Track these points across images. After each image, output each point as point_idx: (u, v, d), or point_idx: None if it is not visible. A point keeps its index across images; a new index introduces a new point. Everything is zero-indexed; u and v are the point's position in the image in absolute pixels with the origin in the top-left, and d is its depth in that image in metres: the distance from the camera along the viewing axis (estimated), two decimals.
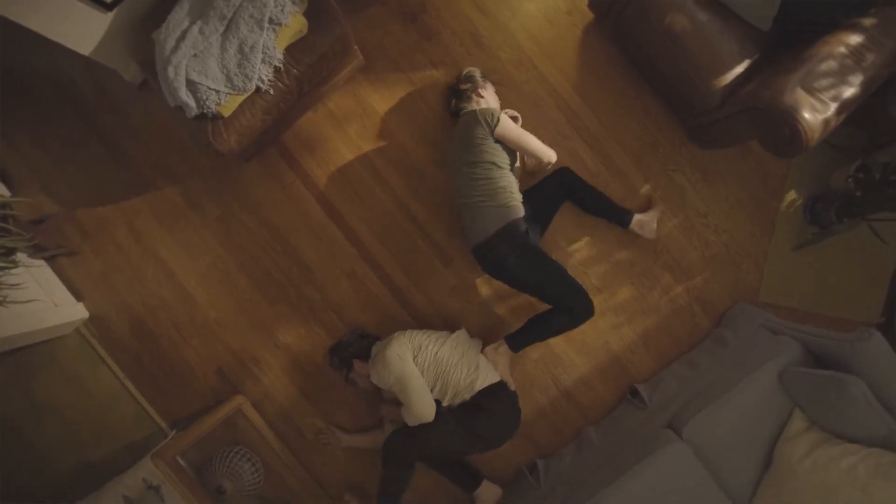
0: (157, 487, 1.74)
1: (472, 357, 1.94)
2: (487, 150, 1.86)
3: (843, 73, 1.58)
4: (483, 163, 1.85)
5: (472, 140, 1.86)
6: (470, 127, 1.87)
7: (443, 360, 1.88)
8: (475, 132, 1.86)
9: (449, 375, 1.87)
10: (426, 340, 1.91)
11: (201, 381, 2.26)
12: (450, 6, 2.17)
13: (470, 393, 1.87)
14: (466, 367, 1.89)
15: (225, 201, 2.22)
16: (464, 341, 1.98)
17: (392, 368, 1.81)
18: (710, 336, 2.17)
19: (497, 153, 1.87)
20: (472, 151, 1.86)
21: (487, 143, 1.86)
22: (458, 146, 1.91)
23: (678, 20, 1.74)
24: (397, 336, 1.90)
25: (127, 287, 2.25)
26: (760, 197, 2.19)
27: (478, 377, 1.88)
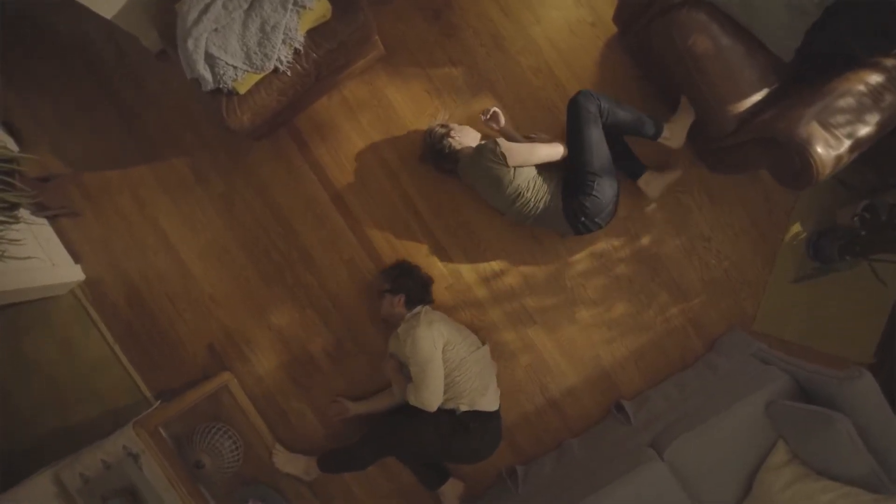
0: (137, 456, 1.73)
1: (488, 377, 1.94)
2: (515, 178, 1.88)
3: (860, 110, 1.58)
4: (521, 192, 1.89)
5: (500, 181, 1.88)
6: (487, 169, 1.88)
7: (464, 367, 1.87)
8: (496, 172, 1.88)
9: (461, 382, 1.87)
10: (460, 340, 1.90)
11: (190, 354, 2.26)
12: (474, 6, 2.17)
13: (467, 406, 1.87)
14: (479, 383, 1.89)
15: (231, 178, 2.22)
16: (487, 358, 1.99)
17: (421, 352, 1.81)
18: (701, 359, 2.17)
19: (521, 173, 1.89)
20: (505, 189, 1.89)
21: (510, 174, 1.87)
22: (489, 190, 1.94)
23: (701, 42, 1.74)
24: (437, 321, 1.88)
25: (126, 254, 2.25)
26: (765, 226, 2.19)
27: (482, 397, 1.88)
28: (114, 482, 1.73)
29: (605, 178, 1.84)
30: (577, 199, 1.86)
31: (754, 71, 1.76)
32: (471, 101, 2.18)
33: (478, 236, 2.19)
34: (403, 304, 1.98)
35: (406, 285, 1.99)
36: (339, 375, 2.23)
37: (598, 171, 1.83)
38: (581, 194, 1.85)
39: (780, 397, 1.71)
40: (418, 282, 2.03)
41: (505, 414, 2.15)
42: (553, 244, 2.18)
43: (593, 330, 2.20)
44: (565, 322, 2.20)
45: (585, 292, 2.19)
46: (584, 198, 1.85)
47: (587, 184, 1.84)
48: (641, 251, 2.18)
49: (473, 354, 1.92)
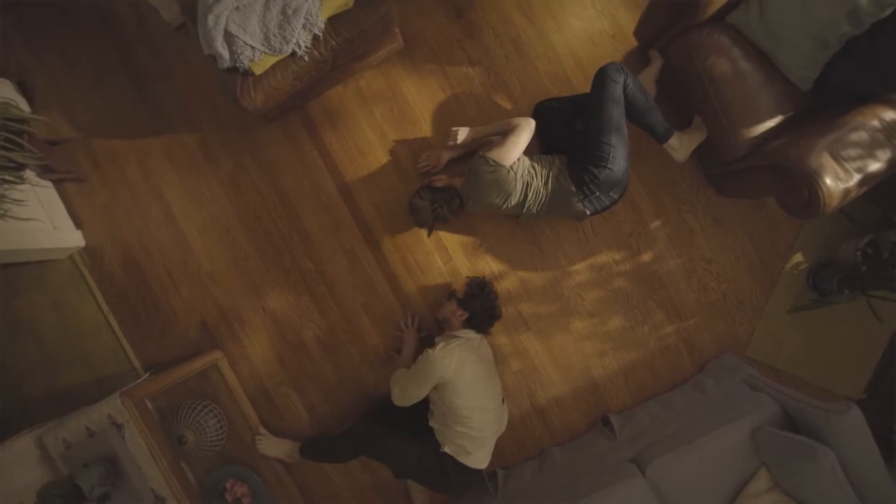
0: (121, 426, 1.74)
1: (485, 440, 1.89)
2: (517, 173, 1.87)
3: (873, 146, 1.58)
4: (526, 182, 1.88)
5: (505, 182, 1.86)
6: (490, 180, 1.86)
7: (464, 421, 1.82)
8: (498, 177, 1.86)
9: (454, 430, 1.83)
10: (476, 393, 1.83)
11: (183, 329, 2.26)
12: (498, 8, 2.17)
13: (451, 452, 1.83)
14: (471, 443, 1.84)
15: (239, 157, 2.22)
16: (496, 420, 1.93)
17: (423, 369, 1.79)
18: (691, 380, 2.17)
19: (518, 166, 1.88)
20: (513, 187, 1.87)
21: (510, 172, 1.86)
22: (499, 197, 1.89)
23: (720, 64, 1.74)
24: (467, 364, 1.81)
25: (127, 223, 2.25)
26: (767, 254, 2.18)
27: (468, 455, 1.84)
28: (96, 450, 1.73)
29: (619, 149, 1.81)
30: (589, 171, 1.83)
31: (770, 97, 1.76)
32: (485, 103, 2.17)
33: (480, 238, 2.19)
34: (462, 321, 1.95)
35: (475, 307, 1.94)
36: (329, 363, 2.23)
37: (615, 143, 1.81)
38: (594, 165, 1.82)
39: (767, 425, 1.71)
40: (487, 312, 1.96)
41: None
42: (554, 252, 2.18)
43: (586, 341, 2.20)
44: (559, 331, 2.20)
45: (582, 303, 2.19)
46: (597, 170, 1.82)
47: (602, 155, 1.81)
48: (642, 267, 2.18)
49: (483, 414, 1.85)
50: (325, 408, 2.24)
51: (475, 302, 1.95)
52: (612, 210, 2.16)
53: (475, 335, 1.95)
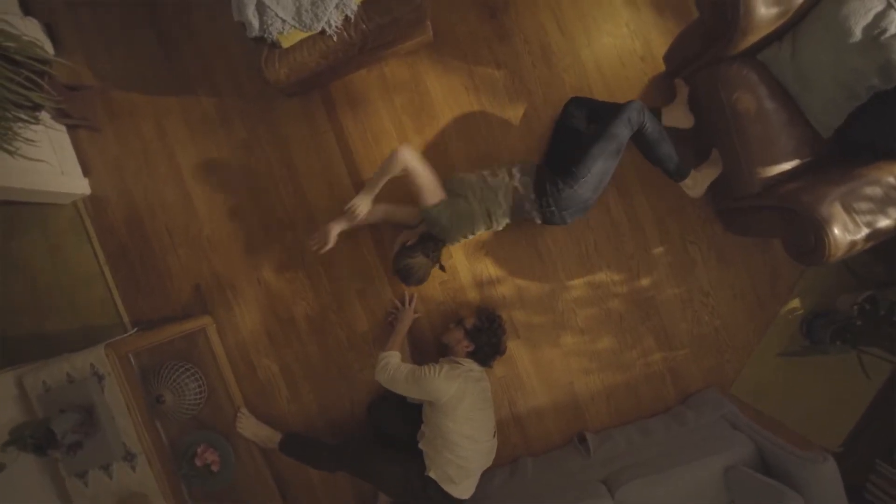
0: (102, 377, 1.74)
1: (471, 470, 1.87)
2: (477, 203, 1.88)
3: (885, 202, 1.58)
4: (492, 211, 1.89)
5: (463, 209, 1.87)
6: (450, 217, 1.86)
7: (453, 448, 1.80)
8: (460, 210, 1.87)
9: (442, 457, 1.81)
10: (471, 423, 1.83)
11: (176, 291, 2.26)
12: (531, 14, 2.16)
13: (435, 477, 1.81)
14: (457, 472, 1.81)
15: (255, 128, 2.22)
16: (485, 453, 1.92)
17: (424, 384, 1.78)
18: (672, 410, 2.17)
19: (465, 188, 1.89)
20: (477, 219, 1.89)
21: (466, 205, 1.87)
22: (471, 223, 1.91)
23: (745, 100, 1.74)
24: (466, 396, 1.81)
25: (135, 178, 2.25)
26: (765, 295, 2.18)
27: (453, 485, 1.82)
28: (74, 397, 1.73)
29: (594, 178, 1.80)
30: (556, 183, 1.82)
31: (791, 140, 1.76)
32: (505, 107, 2.17)
33: (482, 240, 2.19)
34: (466, 352, 1.94)
35: (482, 341, 1.94)
36: (316, 343, 2.23)
37: (594, 171, 1.79)
38: (563, 180, 1.81)
39: (741, 464, 1.71)
40: (493, 348, 1.97)
41: None
42: (553, 264, 2.18)
43: (574, 357, 2.20)
44: (548, 343, 2.20)
45: (575, 318, 2.19)
46: (564, 185, 1.80)
47: (575, 174, 1.79)
48: (639, 292, 2.18)
49: (473, 444, 1.84)
50: (306, 386, 2.24)
51: (482, 336, 1.94)
52: (617, 230, 2.16)
53: (478, 367, 1.94)
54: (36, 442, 1.60)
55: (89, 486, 1.77)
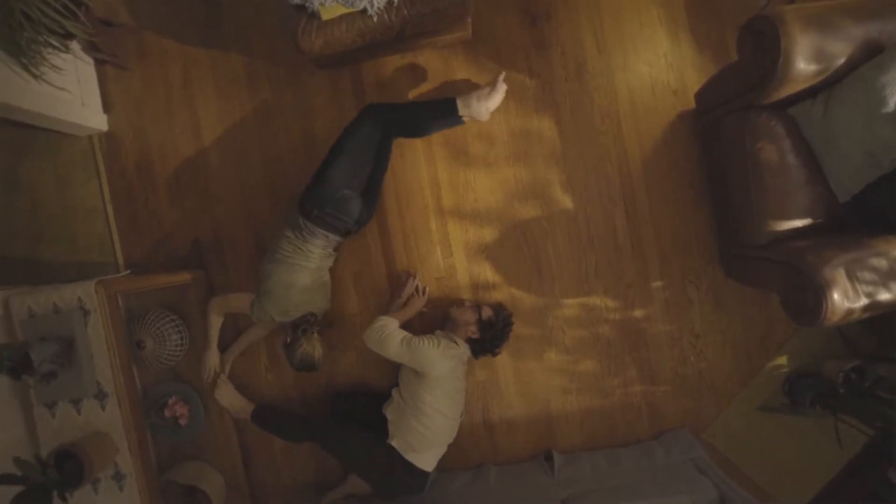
0: (88, 312, 1.74)
1: (435, 443, 1.90)
2: (280, 289, 1.92)
3: (889, 276, 1.57)
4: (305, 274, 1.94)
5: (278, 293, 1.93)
6: (272, 315, 1.94)
7: (422, 417, 1.84)
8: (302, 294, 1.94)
9: (408, 423, 1.84)
10: (448, 398, 1.88)
11: (175, 241, 2.26)
12: (573, 28, 2.16)
13: (397, 447, 1.84)
14: (420, 442, 1.85)
15: (281, 93, 2.22)
16: (451, 430, 1.96)
17: (419, 354, 1.81)
18: (643, 444, 2.17)
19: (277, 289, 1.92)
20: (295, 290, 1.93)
21: (273, 300, 1.92)
22: (318, 294, 2.00)
23: (769, 151, 1.73)
24: (455, 370, 1.87)
25: (154, 122, 2.25)
26: (754, 347, 2.18)
27: (416, 454, 1.85)
28: (57, 328, 1.74)
29: (338, 168, 1.85)
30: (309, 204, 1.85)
31: (807, 198, 1.75)
32: (531, 116, 2.17)
33: (485, 244, 2.19)
34: (468, 336, 1.95)
35: (488, 335, 1.95)
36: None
37: (336, 164, 1.85)
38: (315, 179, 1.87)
39: None
40: (493, 345, 1.98)
41: None
42: (551, 280, 2.18)
43: (555, 375, 2.20)
44: (532, 357, 2.20)
45: (563, 337, 2.19)
46: (314, 188, 1.85)
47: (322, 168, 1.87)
48: (630, 321, 2.18)
49: (443, 420, 1.88)
50: None
51: (491, 331, 1.95)
52: (620, 257, 2.16)
53: (469, 354, 1.97)
54: (12, 365, 1.60)
55: (56, 417, 1.77)
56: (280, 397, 2.26)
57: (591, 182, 2.16)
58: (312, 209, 1.84)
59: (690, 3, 2.14)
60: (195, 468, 2.13)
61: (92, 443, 1.70)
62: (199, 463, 2.17)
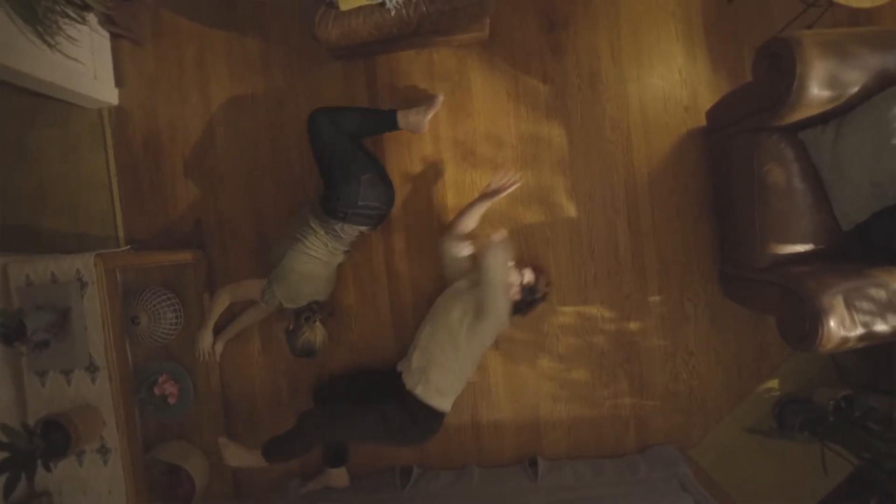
0: (85, 285, 1.74)
1: (456, 388, 1.90)
2: (293, 277, 1.93)
3: (887, 308, 1.57)
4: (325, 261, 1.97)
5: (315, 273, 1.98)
6: (280, 302, 1.95)
7: (469, 363, 1.88)
8: (306, 269, 1.95)
9: (443, 367, 1.83)
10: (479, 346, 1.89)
11: (177, 219, 2.26)
12: (590, 37, 2.16)
13: (429, 395, 1.83)
14: (453, 387, 1.87)
15: (294, 81, 2.22)
16: (467, 379, 1.95)
17: (501, 320, 1.83)
18: (628, 457, 2.17)
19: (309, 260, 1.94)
20: (318, 277, 1.99)
21: (300, 274, 1.94)
22: (321, 283, 2.01)
23: (776, 174, 1.73)
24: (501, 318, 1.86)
25: (165, 100, 2.25)
26: (747, 369, 2.18)
27: (445, 396, 1.86)
28: (53, 297, 1.74)
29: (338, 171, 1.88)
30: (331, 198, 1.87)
31: (810, 224, 1.75)
32: (542, 122, 2.17)
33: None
34: (512, 299, 1.92)
35: (527, 299, 1.97)
36: None
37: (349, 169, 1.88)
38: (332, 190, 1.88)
39: None
40: (526, 306, 2.00)
41: None
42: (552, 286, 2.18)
43: (546, 381, 2.20)
44: (525, 362, 2.20)
45: (557, 344, 2.19)
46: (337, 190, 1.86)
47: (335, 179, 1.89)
48: (625, 334, 2.18)
49: (472, 365, 1.93)
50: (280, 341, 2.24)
51: (531, 296, 1.97)
52: (620, 269, 2.16)
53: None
54: (6, 331, 1.60)
55: (46, 386, 1.77)
56: (269, 382, 2.26)
57: (597, 192, 2.16)
58: (346, 210, 1.86)
59: (709, 21, 2.14)
60: (180, 448, 2.14)
61: (80, 415, 1.70)
62: (184, 443, 2.17)
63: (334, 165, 1.88)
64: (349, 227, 1.91)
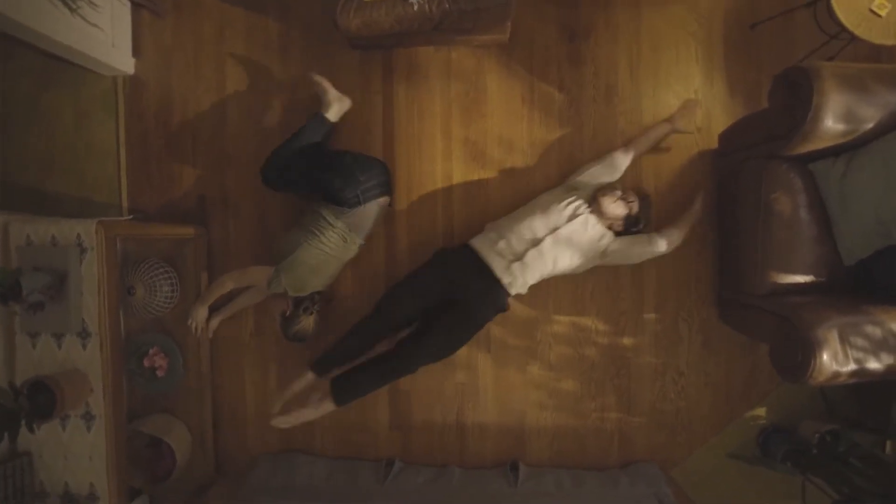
0: (85, 250, 1.74)
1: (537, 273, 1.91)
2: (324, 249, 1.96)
3: (881, 346, 1.57)
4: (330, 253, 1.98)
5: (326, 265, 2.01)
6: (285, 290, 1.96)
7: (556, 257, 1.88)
8: (316, 256, 1.97)
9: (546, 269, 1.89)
10: None
11: (182, 194, 2.26)
12: (609, 50, 2.16)
13: (510, 281, 1.87)
14: (531, 276, 1.89)
15: (310, 66, 2.20)
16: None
17: None
18: (610, 471, 2.17)
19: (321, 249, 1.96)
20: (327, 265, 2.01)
21: (312, 261, 1.96)
22: (330, 265, 2.02)
23: (783, 203, 1.73)
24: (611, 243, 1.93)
25: (181, 74, 2.25)
26: (736, 394, 2.18)
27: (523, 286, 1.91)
28: (52, 260, 1.74)
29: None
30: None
31: (812, 256, 1.75)
32: (554, 129, 2.17)
33: None
34: (609, 224, 1.92)
35: (631, 225, 1.95)
36: None
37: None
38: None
39: None
40: (631, 228, 1.97)
41: (415, 415, 2.21)
42: (545, 294, 2.17)
43: (534, 389, 2.20)
44: (515, 367, 2.20)
45: (548, 353, 2.19)
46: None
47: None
48: (618, 348, 2.18)
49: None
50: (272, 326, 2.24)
51: (634, 226, 1.96)
52: (618, 284, 2.16)
53: None
54: (1, 289, 1.60)
55: (37, 348, 1.78)
56: (259, 365, 2.26)
57: None
58: (357, 193, 1.91)
59: (730, 44, 2.14)
60: (164, 421, 2.14)
61: (68, 379, 1.70)
62: (169, 417, 2.17)
63: (320, 180, 1.93)
64: (370, 204, 1.96)
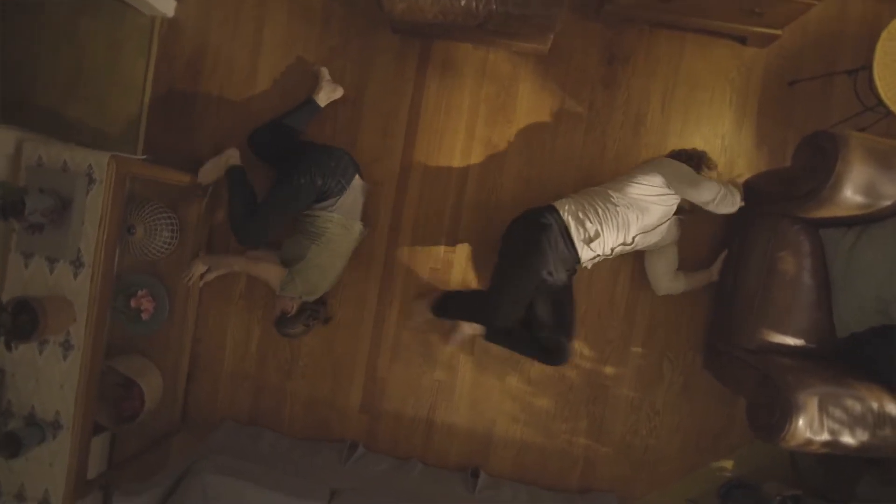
0: (94, 181, 1.74)
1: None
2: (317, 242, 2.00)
3: (857, 422, 1.57)
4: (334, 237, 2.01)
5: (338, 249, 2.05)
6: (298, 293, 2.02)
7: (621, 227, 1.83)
8: (321, 244, 2.00)
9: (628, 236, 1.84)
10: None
11: (200, 144, 2.26)
12: (645, 79, 2.15)
13: (575, 235, 1.81)
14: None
15: (348, 41, 2.21)
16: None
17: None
18: (567, 495, 2.17)
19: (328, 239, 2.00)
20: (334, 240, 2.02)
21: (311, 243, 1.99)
22: (337, 259, 2.07)
23: (788, 262, 1.73)
24: None
25: (219, 28, 2.25)
26: (705, 443, 2.18)
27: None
28: (59, 185, 1.74)
29: None
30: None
31: (807, 321, 1.75)
32: (576, 147, 2.17)
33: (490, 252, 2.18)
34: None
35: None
36: None
37: None
38: None
39: None
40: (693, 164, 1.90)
41: (386, 403, 2.23)
42: None
43: (509, 400, 2.21)
44: (494, 376, 2.21)
45: (529, 367, 2.19)
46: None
47: None
48: (598, 376, 2.19)
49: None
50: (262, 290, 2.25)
51: (695, 162, 1.90)
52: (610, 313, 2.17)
53: None
54: (4, 204, 1.60)
55: (28, 269, 1.78)
56: (242, 326, 2.27)
57: None
58: (336, 178, 1.95)
59: (765, 97, 2.14)
60: (140, 363, 2.15)
61: (53, 305, 1.70)
62: (145, 360, 2.18)
63: (301, 180, 1.92)
64: (353, 184, 2.00)
